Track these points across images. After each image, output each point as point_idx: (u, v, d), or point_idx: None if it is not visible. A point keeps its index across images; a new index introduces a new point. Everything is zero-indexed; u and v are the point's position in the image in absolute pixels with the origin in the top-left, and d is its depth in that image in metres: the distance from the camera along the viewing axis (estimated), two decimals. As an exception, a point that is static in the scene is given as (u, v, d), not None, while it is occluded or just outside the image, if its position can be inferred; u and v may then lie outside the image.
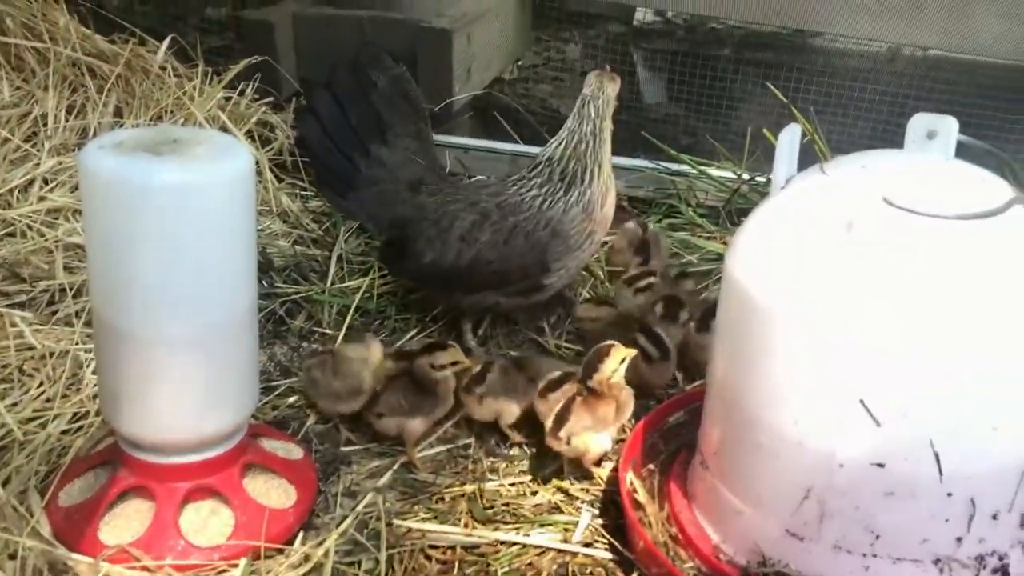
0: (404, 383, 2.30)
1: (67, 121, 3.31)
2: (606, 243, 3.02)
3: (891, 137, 2.25)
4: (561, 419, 2.14)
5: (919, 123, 1.83)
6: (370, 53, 2.71)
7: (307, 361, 2.43)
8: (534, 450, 2.29)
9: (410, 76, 2.75)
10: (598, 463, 2.22)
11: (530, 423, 2.31)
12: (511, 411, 2.30)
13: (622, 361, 2.18)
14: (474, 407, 2.31)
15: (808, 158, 1.90)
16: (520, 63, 5.16)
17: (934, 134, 1.83)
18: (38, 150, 3.20)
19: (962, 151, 1.84)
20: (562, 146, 2.57)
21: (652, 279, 2.77)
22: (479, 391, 2.29)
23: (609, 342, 2.21)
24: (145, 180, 1.68)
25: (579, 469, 2.22)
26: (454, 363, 2.28)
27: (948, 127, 1.82)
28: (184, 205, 1.72)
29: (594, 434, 2.14)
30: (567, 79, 5.11)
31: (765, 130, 3.20)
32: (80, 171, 1.75)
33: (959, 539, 1.68)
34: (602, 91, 2.54)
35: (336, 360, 2.32)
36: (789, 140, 1.84)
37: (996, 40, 3.58)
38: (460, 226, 2.61)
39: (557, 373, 2.27)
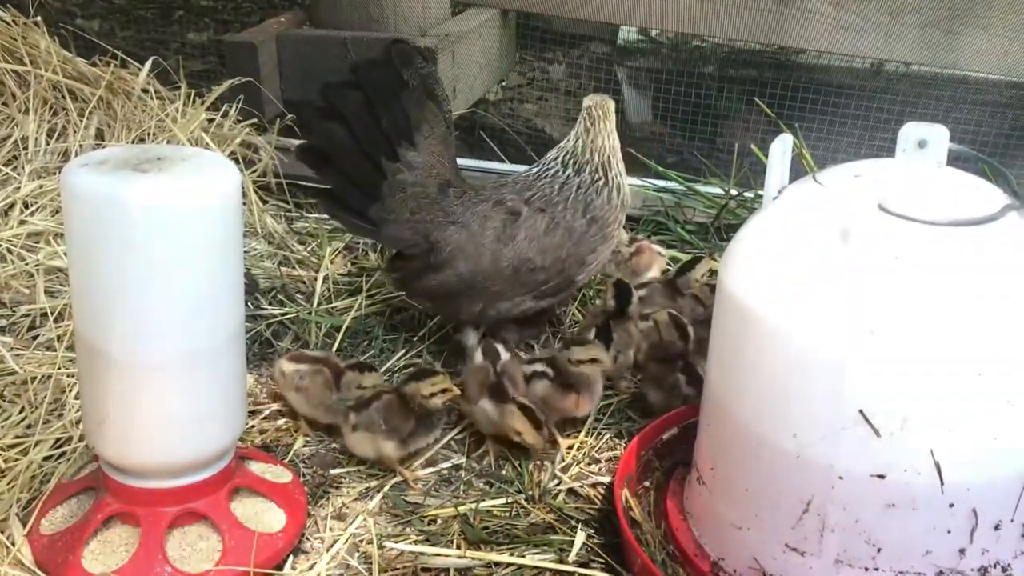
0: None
1: (48, 144, 3.28)
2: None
3: (876, 153, 2.25)
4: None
5: (910, 132, 1.83)
6: (402, 51, 2.54)
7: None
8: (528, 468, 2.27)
9: (438, 76, 2.62)
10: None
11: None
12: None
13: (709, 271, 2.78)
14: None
15: (794, 175, 1.89)
16: (504, 84, 5.16)
17: (925, 143, 1.83)
18: (18, 174, 3.17)
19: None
20: (578, 140, 2.66)
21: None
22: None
23: (700, 255, 2.90)
24: (129, 198, 1.65)
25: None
26: (444, 390, 2.24)
27: (939, 136, 1.81)
28: (169, 223, 1.69)
29: None
30: (551, 99, 5.12)
31: (753, 146, 3.21)
32: (62, 189, 1.72)
33: (962, 550, 1.66)
34: (604, 102, 2.67)
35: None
36: (781, 150, 1.83)
37: (978, 54, 3.61)
38: (492, 227, 2.57)
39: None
